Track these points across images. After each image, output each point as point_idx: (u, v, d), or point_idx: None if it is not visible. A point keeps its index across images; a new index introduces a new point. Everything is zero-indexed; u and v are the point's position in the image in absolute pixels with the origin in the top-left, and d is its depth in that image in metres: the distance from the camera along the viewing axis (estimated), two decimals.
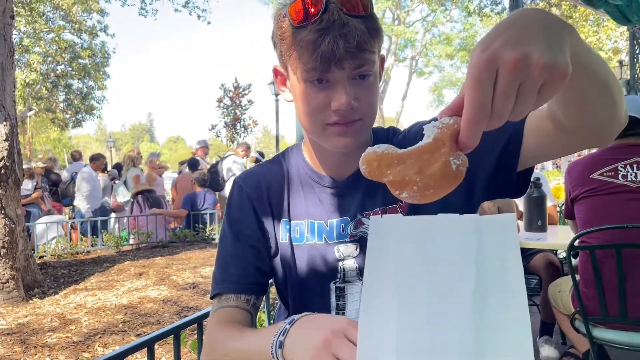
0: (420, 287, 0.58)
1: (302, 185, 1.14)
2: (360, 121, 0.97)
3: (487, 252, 0.59)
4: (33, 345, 3.96)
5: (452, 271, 0.58)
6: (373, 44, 0.94)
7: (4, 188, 5.17)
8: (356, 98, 0.94)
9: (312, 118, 0.98)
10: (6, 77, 5.29)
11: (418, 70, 37.44)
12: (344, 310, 1.08)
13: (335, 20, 0.89)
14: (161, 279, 6.02)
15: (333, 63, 0.90)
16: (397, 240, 0.61)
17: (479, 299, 0.57)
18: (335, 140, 0.99)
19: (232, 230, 1.14)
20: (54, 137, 38.32)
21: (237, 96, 21.38)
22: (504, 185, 1.00)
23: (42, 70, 23.15)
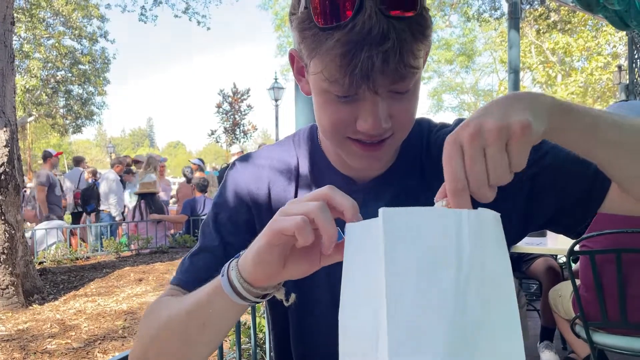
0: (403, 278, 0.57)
1: (316, 186, 0.95)
2: (390, 138, 0.82)
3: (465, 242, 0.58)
4: (33, 351, 3.95)
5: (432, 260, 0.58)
6: (419, 52, 0.74)
7: (4, 194, 5.17)
8: (390, 115, 0.78)
9: (333, 132, 0.82)
10: (6, 83, 5.30)
11: None
12: None
13: (372, 27, 0.68)
14: (161, 284, 6.01)
15: (363, 82, 0.71)
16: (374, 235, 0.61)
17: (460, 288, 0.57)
18: (357, 161, 0.85)
19: (216, 222, 0.96)
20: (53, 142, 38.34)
21: (236, 101, 21.45)
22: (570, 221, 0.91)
23: (42, 76, 23.21)
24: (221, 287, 0.71)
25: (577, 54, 24.15)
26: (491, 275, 0.58)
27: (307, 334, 0.97)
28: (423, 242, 0.57)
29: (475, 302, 0.56)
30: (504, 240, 0.60)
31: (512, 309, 0.58)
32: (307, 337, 0.96)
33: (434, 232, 0.57)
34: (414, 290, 0.55)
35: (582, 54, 24.43)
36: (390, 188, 0.93)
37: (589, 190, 0.87)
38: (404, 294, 0.55)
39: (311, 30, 0.73)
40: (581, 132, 0.71)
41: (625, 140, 0.72)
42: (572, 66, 26.71)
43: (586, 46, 23.21)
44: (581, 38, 22.92)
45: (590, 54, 23.92)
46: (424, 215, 0.58)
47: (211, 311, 0.75)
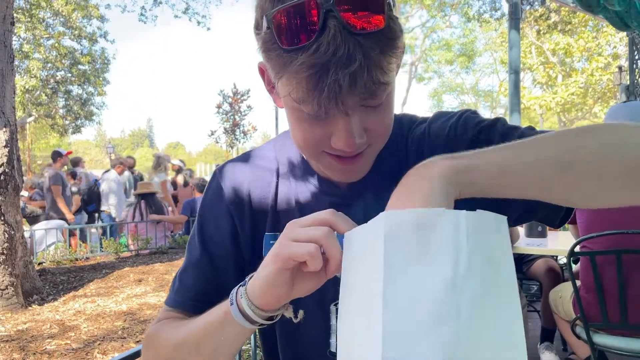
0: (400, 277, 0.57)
1: (297, 188, 0.95)
2: (368, 148, 0.80)
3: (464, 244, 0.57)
4: (32, 352, 3.94)
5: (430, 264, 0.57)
6: (388, 67, 0.71)
7: (4, 194, 5.16)
8: (365, 129, 0.76)
9: (307, 148, 0.80)
10: (6, 83, 5.30)
11: (418, 76, 37.54)
12: None
13: (337, 48, 0.65)
14: (160, 285, 6.00)
15: (331, 102, 0.69)
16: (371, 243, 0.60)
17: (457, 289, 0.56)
18: (335, 174, 0.85)
19: (201, 234, 0.95)
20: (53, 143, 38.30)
21: (236, 102, 21.46)
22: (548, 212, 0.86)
23: (41, 77, 23.20)
24: (231, 314, 0.72)
25: (578, 54, 24.16)
26: (492, 279, 0.57)
27: (293, 340, 0.97)
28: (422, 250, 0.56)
29: (474, 306, 0.55)
30: (508, 242, 0.59)
31: (515, 313, 0.57)
32: (293, 344, 0.95)
33: (433, 237, 0.56)
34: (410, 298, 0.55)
35: (583, 55, 24.43)
36: (372, 188, 0.92)
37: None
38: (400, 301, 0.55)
39: (275, 52, 0.70)
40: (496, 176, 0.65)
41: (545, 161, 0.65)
42: (572, 67, 26.72)
43: (587, 47, 23.22)
44: (582, 39, 22.92)
45: (590, 55, 23.93)
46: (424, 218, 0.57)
47: (223, 338, 0.76)
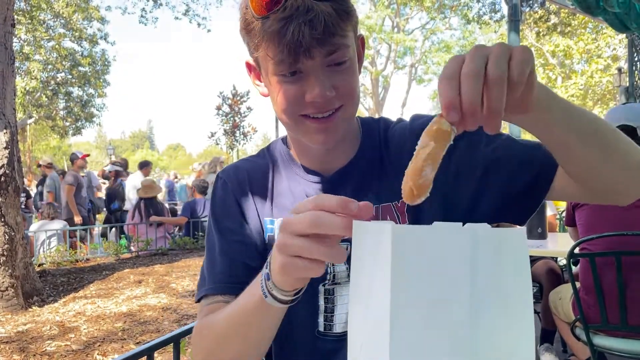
0: (412, 293, 0.57)
1: (289, 181, 1.07)
2: (340, 110, 0.91)
3: (481, 265, 0.58)
4: (32, 353, 3.94)
5: (445, 279, 0.57)
6: (344, 27, 0.87)
7: (4, 196, 5.17)
8: (333, 86, 0.88)
9: (288, 112, 0.92)
10: (7, 85, 5.30)
11: (417, 78, 37.51)
12: (333, 312, 1.02)
13: (299, 6, 0.81)
14: (160, 286, 6.00)
15: (301, 53, 0.83)
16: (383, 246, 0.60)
17: (473, 311, 0.57)
18: (313, 137, 0.94)
19: (218, 227, 1.06)
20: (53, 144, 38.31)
21: (236, 103, 21.43)
22: (519, 210, 0.98)
23: (42, 78, 23.19)
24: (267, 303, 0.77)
25: (577, 56, 24.16)
26: (508, 298, 0.57)
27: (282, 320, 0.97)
28: (433, 265, 0.56)
29: (489, 325, 0.56)
30: (526, 258, 0.59)
31: (528, 332, 0.57)
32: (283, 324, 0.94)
33: (446, 253, 0.56)
34: (420, 320, 0.55)
35: (582, 57, 24.43)
36: (352, 179, 1.03)
37: (535, 179, 0.94)
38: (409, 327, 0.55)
39: (253, 24, 0.86)
40: (561, 114, 0.76)
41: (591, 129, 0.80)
42: (572, 69, 26.73)
43: (586, 49, 23.22)
44: (581, 40, 22.93)
45: (590, 57, 23.93)
46: (436, 234, 0.57)
47: (265, 323, 0.83)
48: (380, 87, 33.58)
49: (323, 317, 1.03)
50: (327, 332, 1.03)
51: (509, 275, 0.59)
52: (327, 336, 1.03)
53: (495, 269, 0.59)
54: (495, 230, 0.60)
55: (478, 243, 0.58)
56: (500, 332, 0.58)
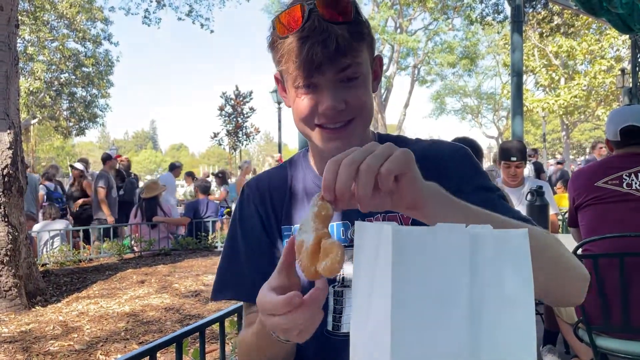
0: (413, 293, 0.57)
1: (306, 192, 1.15)
2: (352, 122, 1.00)
3: (481, 266, 0.58)
4: (35, 353, 3.95)
5: (445, 280, 0.58)
6: (356, 47, 0.96)
7: (8, 196, 5.18)
8: (345, 101, 0.97)
9: (304, 121, 1.02)
10: (10, 85, 5.32)
11: (420, 79, 37.51)
12: (342, 314, 1.08)
13: (315, 27, 0.92)
14: (163, 286, 6.01)
15: (314, 69, 0.93)
16: (384, 248, 0.60)
17: (474, 312, 0.57)
18: (326, 144, 1.02)
19: (244, 237, 1.15)
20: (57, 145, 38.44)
21: (239, 104, 21.45)
22: None
23: (46, 79, 23.27)
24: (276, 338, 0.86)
25: (581, 57, 24.12)
26: (509, 299, 0.57)
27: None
28: (434, 266, 0.56)
29: (489, 326, 0.56)
30: (528, 259, 0.59)
31: (529, 333, 0.58)
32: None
33: (447, 254, 0.57)
34: (420, 321, 0.55)
35: (586, 58, 24.39)
36: None
37: None
38: (408, 329, 0.55)
39: (277, 42, 0.98)
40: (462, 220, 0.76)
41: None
42: (575, 69, 26.67)
43: (589, 49, 23.19)
44: (584, 41, 22.90)
45: (593, 58, 23.89)
46: (437, 236, 0.57)
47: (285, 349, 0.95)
48: (383, 88, 33.54)
49: (332, 317, 1.08)
50: (335, 332, 1.08)
51: (510, 276, 0.59)
52: (336, 336, 1.08)
53: (496, 270, 0.59)
54: (497, 232, 0.60)
55: (478, 244, 0.59)
56: (501, 332, 0.58)
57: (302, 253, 0.70)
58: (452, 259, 0.58)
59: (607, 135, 2.77)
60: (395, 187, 0.68)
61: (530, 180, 4.10)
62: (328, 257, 0.67)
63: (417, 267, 0.57)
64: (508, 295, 0.59)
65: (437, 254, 0.58)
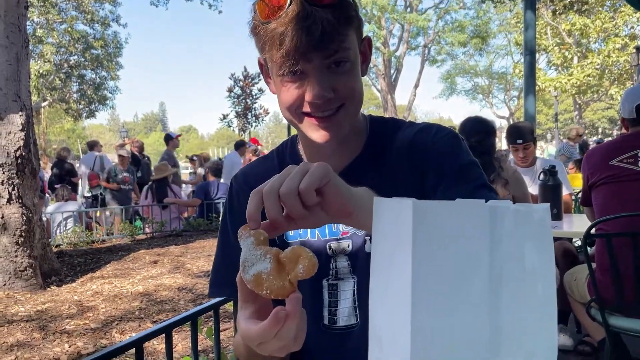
0: (433, 268, 0.57)
1: None
2: (341, 109, 0.96)
3: (501, 240, 0.58)
4: (52, 331, 4.03)
5: (465, 256, 0.57)
6: (343, 32, 0.91)
7: (21, 177, 5.24)
8: (332, 88, 0.93)
9: (291, 111, 0.98)
10: (21, 67, 5.34)
11: (430, 58, 37.11)
12: (337, 307, 1.07)
13: (299, 12, 0.86)
14: (176, 267, 6.08)
15: (299, 57, 0.89)
16: (404, 223, 0.60)
17: (494, 286, 0.57)
18: (314, 134, 0.98)
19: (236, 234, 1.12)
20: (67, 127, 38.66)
21: (247, 85, 21.38)
22: None
23: (55, 61, 23.32)
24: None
25: (594, 35, 23.72)
26: (529, 275, 0.57)
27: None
28: (454, 241, 0.56)
29: (509, 303, 0.56)
30: (549, 235, 0.59)
31: (549, 308, 0.57)
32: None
33: (467, 229, 0.56)
34: (441, 296, 0.55)
35: (599, 36, 23.99)
36: (356, 179, 1.03)
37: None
38: (429, 303, 0.55)
39: (259, 27, 0.92)
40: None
41: None
42: (588, 48, 26.27)
43: (603, 27, 22.78)
44: (598, 19, 22.49)
45: (607, 36, 23.49)
46: (457, 210, 0.57)
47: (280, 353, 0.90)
48: (393, 68, 33.27)
49: (327, 311, 1.07)
50: (331, 326, 1.08)
51: (530, 251, 0.59)
52: (332, 329, 1.07)
53: (516, 244, 0.58)
54: (517, 205, 0.59)
55: (498, 218, 0.58)
56: (521, 307, 0.58)
57: (266, 281, 0.66)
58: (472, 233, 0.58)
59: (622, 113, 2.73)
60: (322, 199, 0.68)
61: (542, 160, 4.06)
62: (300, 261, 0.65)
63: (437, 241, 0.57)
64: (528, 270, 0.59)
65: (457, 228, 0.58)
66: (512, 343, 0.57)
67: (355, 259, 1.06)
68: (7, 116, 5.17)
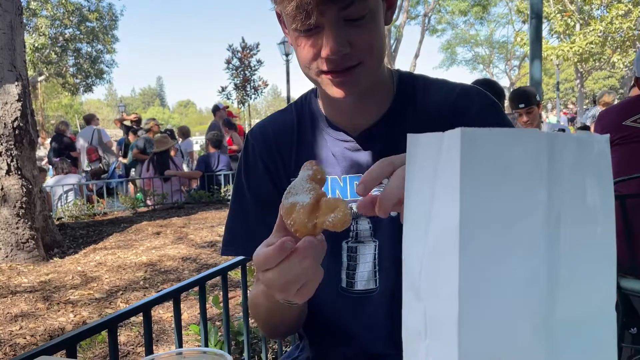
0: (483, 207, 0.50)
1: (315, 137, 1.06)
2: (359, 66, 0.89)
3: (561, 175, 0.52)
4: (56, 302, 4.01)
5: (520, 191, 0.51)
6: None
7: (19, 149, 5.16)
8: (349, 42, 0.86)
9: (307, 67, 0.93)
10: (16, 36, 5.21)
11: (431, 28, 36.63)
12: (355, 270, 1.02)
13: None
14: (179, 237, 6.06)
15: (311, 10, 0.82)
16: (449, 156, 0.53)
17: (551, 226, 0.51)
18: (333, 89, 0.92)
19: (251, 193, 1.08)
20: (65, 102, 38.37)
21: (246, 57, 21.10)
22: None
23: (50, 34, 23.02)
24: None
25: (597, 2, 23.33)
26: (590, 211, 0.51)
27: None
28: (507, 175, 0.49)
29: (568, 246, 0.50)
30: (609, 167, 0.53)
31: (609, 250, 0.52)
32: None
33: (522, 161, 0.50)
34: (492, 237, 0.49)
35: (602, 2, 23.60)
36: (380, 139, 1.01)
37: None
38: (479, 247, 0.49)
39: None
40: None
41: None
42: (591, 15, 25.86)
43: None
44: None
45: (610, 2, 23.10)
46: (511, 139, 0.50)
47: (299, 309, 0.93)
48: (393, 38, 32.83)
49: (345, 274, 1.03)
50: (349, 289, 1.03)
51: (591, 187, 0.53)
52: (350, 293, 1.03)
53: (576, 179, 0.52)
54: (576, 136, 0.53)
55: (557, 149, 0.52)
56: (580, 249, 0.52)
57: (295, 212, 0.66)
58: (528, 166, 0.51)
59: (637, 72, 2.65)
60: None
61: (549, 124, 4.00)
62: (335, 211, 0.64)
63: (489, 177, 0.50)
64: (589, 209, 0.52)
65: (511, 160, 0.51)
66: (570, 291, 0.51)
67: (377, 222, 1.01)
68: (3, 86, 5.07)
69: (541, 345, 0.51)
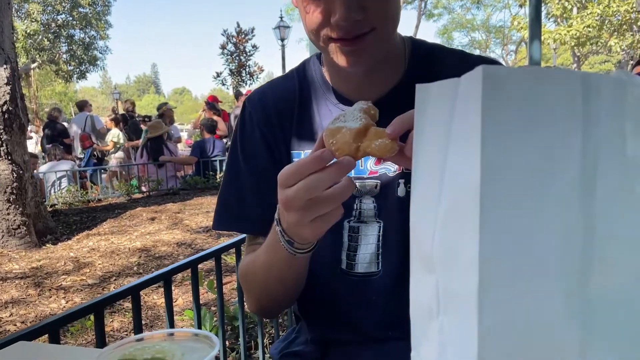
0: (508, 158, 0.43)
1: (318, 107, 0.98)
2: (372, 33, 0.82)
3: (598, 119, 0.44)
4: (48, 288, 3.94)
5: (549, 142, 0.43)
6: None
7: (9, 133, 5.05)
8: (362, 6, 0.79)
9: (316, 35, 0.85)
10: (2, 17, 5.07)
11: (427, 12, 36.38)
12: (356, 252, 0.96)
13: None
14: (174, 223, 5.99)
15: None
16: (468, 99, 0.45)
17: (587, 179, 0.43)
18: (343, 58, 0.85)
19: (247, 164, 1.01)
20: (59, 90, 38.07)
21: (241, 42, 20.89)
22: None
23: (42, 20, 22.74)
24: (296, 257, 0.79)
25: None
26: (630, 163, 0.44)
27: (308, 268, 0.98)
28: (536, 120, 0.42)
29: (604, 202, 0.43)
30: None
31: None
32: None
33: (552, 104, 0.42)
34: (518, 193, 0.42)
35: None
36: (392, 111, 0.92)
37: None
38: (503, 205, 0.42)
39: None
40: None
41: None
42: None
43: None
44: None
45: None
46: (539, 79, 0.42)
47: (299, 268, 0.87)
48: None
49: (346, 255, 0.97)
50: (349, 271, 0.97)
51: (631, 134, 0.45)
52: (350, 275, 0.96)
53: (615, 125, 0.45)
54: (613, 77, 0.45)
55: (593, 90, 0.44)
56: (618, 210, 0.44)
57: (341, 134, 0.64)
58: (561, 109, 0.43)
59: None
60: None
61: None
62: (383, 138, 0.63)
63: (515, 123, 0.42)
64: (630, 159, 0.45)
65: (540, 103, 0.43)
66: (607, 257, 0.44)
67: (382, 201, 0.94)
68: None
69: (575, 318, 0.44)
